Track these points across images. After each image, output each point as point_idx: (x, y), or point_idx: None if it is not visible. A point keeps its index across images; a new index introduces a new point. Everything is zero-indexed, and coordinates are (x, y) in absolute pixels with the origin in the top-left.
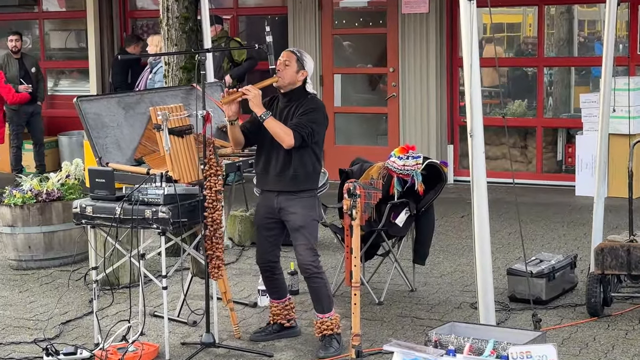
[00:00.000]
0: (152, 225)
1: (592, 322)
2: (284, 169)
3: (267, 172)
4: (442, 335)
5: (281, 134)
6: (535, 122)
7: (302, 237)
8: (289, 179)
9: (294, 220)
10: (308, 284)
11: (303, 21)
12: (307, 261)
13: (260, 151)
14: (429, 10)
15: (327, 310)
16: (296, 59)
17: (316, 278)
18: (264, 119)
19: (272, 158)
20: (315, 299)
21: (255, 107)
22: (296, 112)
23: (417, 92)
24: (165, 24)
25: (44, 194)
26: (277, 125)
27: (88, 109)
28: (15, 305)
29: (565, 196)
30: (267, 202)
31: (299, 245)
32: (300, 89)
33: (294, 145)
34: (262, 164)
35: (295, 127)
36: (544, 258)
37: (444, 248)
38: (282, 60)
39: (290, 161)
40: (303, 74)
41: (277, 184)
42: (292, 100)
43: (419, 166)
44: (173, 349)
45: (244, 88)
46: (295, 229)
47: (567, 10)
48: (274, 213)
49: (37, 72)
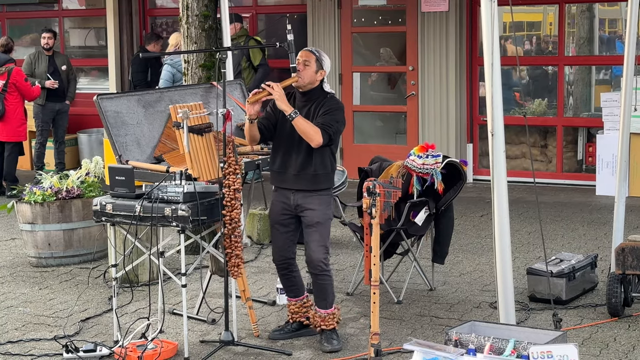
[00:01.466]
0: (171, 223)
1: (612, 323)
2: (305, 168)
3: (286, 170)
4: (462, 335)
5: (311, 132)
6: (556, 121)
7: (317, 234)
8: (309, 178)
9: (311, 217)
10: (315, 280)
11: (322, 19)
12: (319, 258)
13: (277, 149)
14: (448, 9)
15: (330, 306)
16: (315, 58)
17: (325, 275)
18: (293, 117)
19: (291, 156)
20: (321, 295)
21: (283, 105)
22: (317, 111)
23: (436, 90)
24: (184, 22)
25: (64, 191)
26: (306, 124)
27: (108, 107)
28: (35, 302)
29: (586, 196)
30: (283, 198)
31: (313, 242)
32: (318, 89)
33: (322, 143)
34: (280, 162)
35: (322, 126)
36: (564, 258)
37: (463, 247)
38: (302, 60)
39: (311, 160)
40: (322, 73)
41: (296, 182)
42: (311, 100)
43: (439, 165)
44: (192, 347)
45: (268, 86)
46: (311, 225)
47: (588, 8)
48: (290, 209)
49: (67, 71)
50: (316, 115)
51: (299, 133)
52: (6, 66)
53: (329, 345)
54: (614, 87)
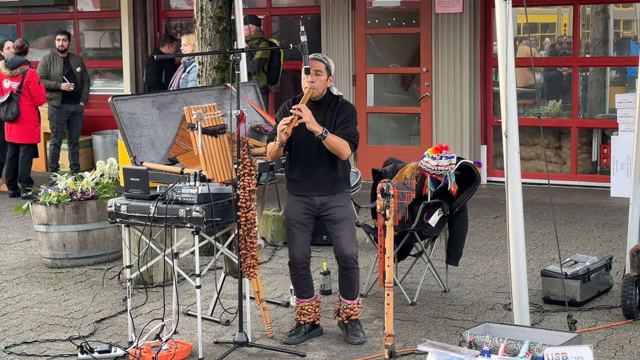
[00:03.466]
0: (185, 224)
1: (627, 325)
2: (327, 175)
3: (306, 179)
4: (476, 336)
5: (341, 147)
6: (570, 122)
7: (347, 228)
8: (330, 184)
9: (339, 212)
10: (344, 274)
11: (336, 21)
12: (351, 252)
13: (295, 159)
14: (462, 10)
15: (356, 297)
16: (325, 67)
17: (355, 269)
18: (325, 136)
19: (311, 166)
20: (348, 287)
21: (314, 127)
22: (334, 118)
23: (450, 92)
24: (199, 24)
25: (79, 192)
26: (337, 140)
27: (123, 109)
28: (50, 303)
29: (600, 197)
30: (305, 200)
31: (344, 236)
32: (328, 94)
33: (350, 154)
34: (300, 172)
35: (348, 138)
36: (578, 259)
37: (477, 249)
38: (314, 69)
39: (333, 167)
40: (331, 79)
41: (318, 189)
42: (324, 106)
43: (453, 166)
44: (206, 348)
45: (296, 110)
46: (340, 220)
47: (602, 9)
48: (313, 209)
49: (82, 73)
50: (334, 121)
51: (329, 149)
52: (21, 68)
53: (356, 338)
54: (628, 88)
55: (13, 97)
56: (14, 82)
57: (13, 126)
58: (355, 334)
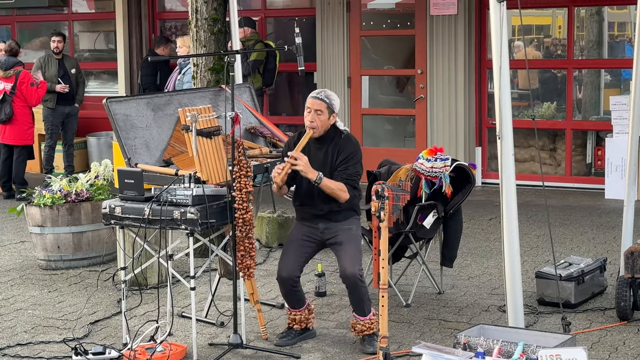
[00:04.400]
0: (180, 226)
1: (621, 326)
2: (328, 206)
3: (310, 207)
4: (470, 338)
5: (337, 192)
6: (565, 124)
7: (351, 250)
8: (335, 213)
9: (344, 235)
10: (351, 291)
11: (331, 22)
12: (354, 272)
13: (299, 188)
14: (457, 12)
15: (367, 312)
16: (326, 106)
17: (361, 287)
18: (319, 183)
19: (313, 198)
20: (359, 304)
21: (308, 174)
22: (335, 154)
23: (445, 94)
24: (194, 26)
25: (73, 194)
26: (332, 184)
27: (117, 110)
28: (45, 305)
29: (595, 199)
30: (310, 223)
31: (348, 258)
32: (331, 129)
33: (349, 198)
34: (303, 200)
35: (347, 181)
36: (573, 261)
37: (471, 250)
38: (314, 109)
39: (335, 200)
40: (334, 117)
41: (321, 218)
42: (326, 141)
43: (447, 168)
44: (201, 350)
45: (290, 158)
46: (345, 242)
47: (597, 12)
48: (316, 233)
49: (77, 74)
50: (335, 159)
51: (326, 194)
52: (14, 69)
53: (370, 347)
54: (622, 90)
55: (6, 99)
56: (7, 84)
57: (7, 128)
58: (370, 343)
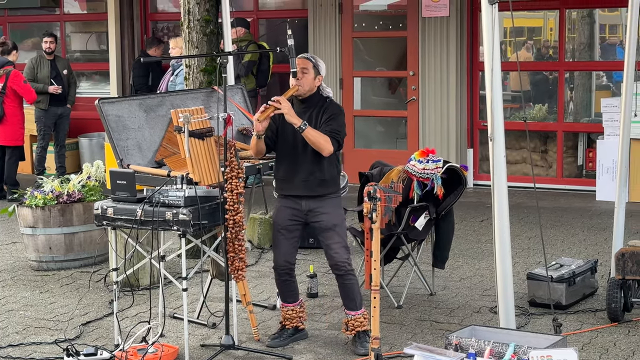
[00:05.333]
0: (172, 227)
1: (612, 328)
2: (312, 174)
3: (292, 178)
4: (462, 339)
5: (322, 142)
6: (556, 126)
7: (337, 236)
8: (317, 184)
9: (328, 220)
10: (341, 282)
11: (323, 24)
12: (343, 259)
13: (281, 157)
14: (449, 14)
15: (359, 307)
16: (312, 65)
17: (350, 275)
18: (303, 129)
19: (298, 164)
20: (347, 296)
21: (292, 119)
22: (320, 117)
23: (437, 95)
24: (186, 27)
25: (65, 195)
26: (317, 134)
27: (109, 111)
28: (36, 306)
29: (586, 201)
30: (292, 204)
31: (335, 244)
32: (316, 94)
33: (333, 151)
34: (286, 170)
35: (331, 134)
36: (564, 263)
37: (463, 252)
38: (300, 68)
39: (318, 167)
40: (319, 79)
41: (304, 189)
42: (311, 106)
43: (439, 170)
44: (192, 351)
45: (274, 101)
46: (329, 227)
47: (588, 14)
48: (300, 215)
49: (69, 75)
50: (319, 121)
51: (310, 144)
52: (4, 69)
53: (362, 348)
54: (614, 92)
55: None
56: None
57: None
58: (362, 344)
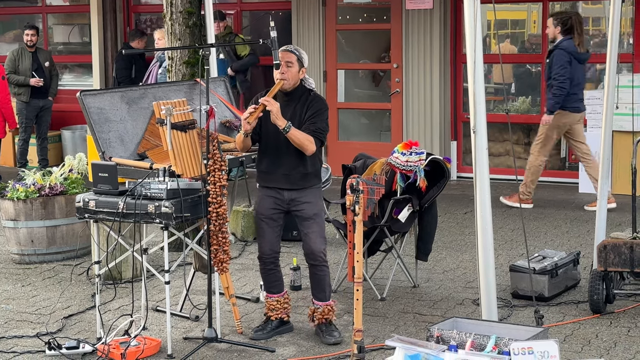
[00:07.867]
0: (154, 220)
1: (594, 319)
2: (295, 168)
3: (275, 171)
4: (444, 331)
5: (305, 143)
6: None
7: (316, 225)
8: (299, 177)
9: (308, 209)
10: (313, 272)
11: (307, 17)
12: (320, 249)
13: (264, 150)
14: (433, 6)
15: (328, 298)
16: (296, 58)
17: (324, 266)
18: (287, 130)
19: (280, 158)
20: (318, 287)
21: (277, 120)
22: (304, 111)
23: (420, 88)
24: (169, 19)
25: (47, 188)
26: (300, 135)
27: (91, 104)
28: (18, 300)
29: (569, 193)
30: (274, 194)
31: (313, 233)
32: (300, 86)
33: (315, 151)
34: (268, 163)
35: (314, 134)
36: (546, 255)
37: (446, 244)
38: (284, 61)
39: (300, 160)
40: (303, 71)
41: (286, 182)
42: (294, 98)
43: (422, 162)
44: (175, 344)
45: (263, 101)
46: (309, 217)
47: (571, 7)
48: (282, 204)
49: (50, 67)
50: (303, 115)
51: (293, 144)
52: None
53: (332, 338)
54: (596, 85)
55: None
56: None
57: None
58: (330, 334)
